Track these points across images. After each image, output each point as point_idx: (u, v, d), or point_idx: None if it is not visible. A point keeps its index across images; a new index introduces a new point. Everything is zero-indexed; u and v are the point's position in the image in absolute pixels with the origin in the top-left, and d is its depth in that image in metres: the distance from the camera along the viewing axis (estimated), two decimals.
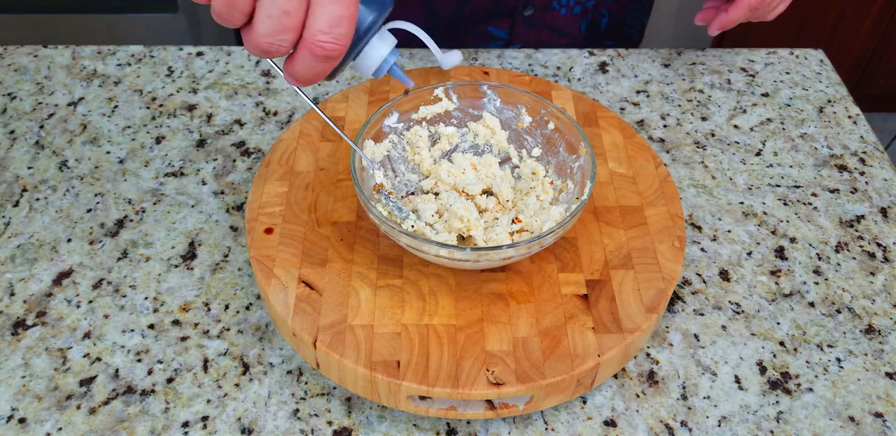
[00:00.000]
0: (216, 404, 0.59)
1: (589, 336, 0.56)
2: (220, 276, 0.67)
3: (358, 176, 0.58)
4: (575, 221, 0.56)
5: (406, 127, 0.66)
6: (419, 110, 0.66)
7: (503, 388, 0.53)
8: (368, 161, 0.60)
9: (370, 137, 0.63)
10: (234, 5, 0.43)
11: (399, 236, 0.55)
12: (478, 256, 0.54)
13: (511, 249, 0.54)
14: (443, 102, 0.66)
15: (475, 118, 0.67)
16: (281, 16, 0.43)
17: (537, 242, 0.55)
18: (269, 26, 0.43)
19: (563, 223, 0.55)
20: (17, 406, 0.58)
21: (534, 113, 0.65)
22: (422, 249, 0.55)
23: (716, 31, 0.78)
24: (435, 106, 0.66)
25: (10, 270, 0.67)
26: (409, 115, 0.66)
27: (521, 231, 0.60)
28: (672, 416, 0.59)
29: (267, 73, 0.86)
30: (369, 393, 0.55)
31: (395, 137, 0.65)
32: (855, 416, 0.59)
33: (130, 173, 0.76)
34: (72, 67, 0.87)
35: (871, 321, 0.66)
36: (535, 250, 0.56)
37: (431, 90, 0.65)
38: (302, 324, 0.56)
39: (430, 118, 0.67)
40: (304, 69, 0.46)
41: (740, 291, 0.67)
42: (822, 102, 0.86)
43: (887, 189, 0.77)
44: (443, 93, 0.66)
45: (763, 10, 0.77)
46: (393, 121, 0.65)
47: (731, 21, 0.78)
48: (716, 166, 0.78)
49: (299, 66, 0.46)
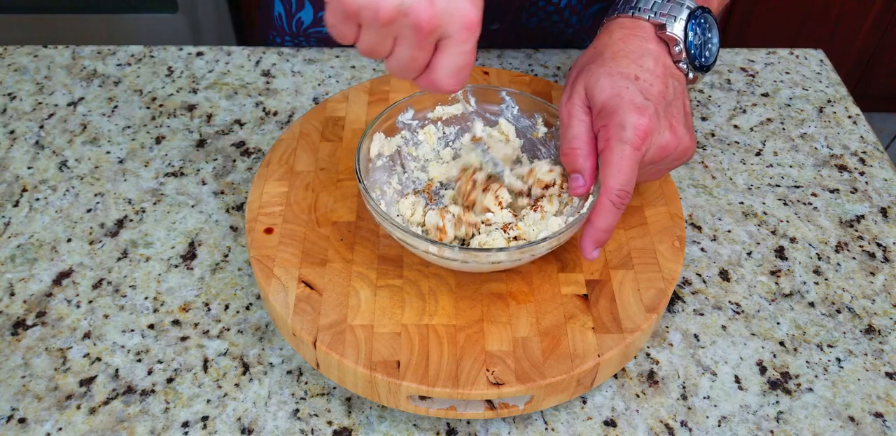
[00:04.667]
0: (216, 404, 0.59)
1: (589, 336, 0.56)
2: (220, 276, 0.67)
3: (362, 166, 0.58)
4: (571, 234, 0.56)
5: (420, 125, 0.66)
6: (435, 109, 0.66)
7: (503, 388, 0.53)
8: (403, 123, 0.61)
9: (382, 130, 0.63)
10: (374, 53, 0.49)
11: (393, 230, 0.55)
12: (465, 257, 0.54)
13: (501, 253, 0.54)
14: (460, 104, 0.66)
15: (492, 124, 0.67)
16: (410, 61, 0.49)
17: (528, 251, 0.54)
18: (398, 67, 0.49)
19: (557, 234, 0.55)
20: (17, 406, 0.58)
21: (549, 124, 0.65)
22: (412, 244, 0.55)
23: (592, 251, 0.57)
24: (451, 107, 0.66)
25: (10, 270, 0.67)
26: (424, 113, 0.66)
27: (519, 239, 0.60)
28: (672, 416, 0.59)
29: (267, 73, 0.87)
30: (369, 393, 0.55)
31: (407, 133, 0.65)
32: (855, 416, 0.59)
33: (130, 173, 0.76)
34: (72, 67, 0.87)
35: (871, 321, 0.66)
36: (527, 259, 0.56)
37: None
38: (302, 324, 0.56)
39: (445, 119, 0.67)
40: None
41: (740, 291, 0.67)
42: (822, 102, 0.86)
43: (887, 189, 0.77)
44: (461, 95, 0.66)
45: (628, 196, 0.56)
46: (408, 117, 0.65)
47: (601, 229, 0.56)
48: (716, 166, 0.78)
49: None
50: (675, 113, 0.57)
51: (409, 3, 0.45)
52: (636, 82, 0.57)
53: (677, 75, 0.59)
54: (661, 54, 0.59)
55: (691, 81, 0.61)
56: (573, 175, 0.58)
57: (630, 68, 0.57)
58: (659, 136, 0.56)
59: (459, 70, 0.49)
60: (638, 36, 0.59)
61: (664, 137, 0.56)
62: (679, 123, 0.57)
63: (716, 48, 0.62)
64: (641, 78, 0.57)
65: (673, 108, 0.57)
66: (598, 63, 0.58)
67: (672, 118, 0.57)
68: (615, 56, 0.58)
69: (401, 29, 0.46)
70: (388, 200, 0.63)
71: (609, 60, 0.58)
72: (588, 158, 0.57)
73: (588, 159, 0.57)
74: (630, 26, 0.60)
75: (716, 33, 0.62)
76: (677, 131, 0.57)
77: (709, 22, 0.61)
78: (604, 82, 0.57)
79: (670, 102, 0.57)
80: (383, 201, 0.62)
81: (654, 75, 0.57)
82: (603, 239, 0.56)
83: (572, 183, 0.58)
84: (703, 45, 0.61)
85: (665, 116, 0.56)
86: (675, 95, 0.58)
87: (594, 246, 0.56)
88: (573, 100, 0.58)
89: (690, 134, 0.58)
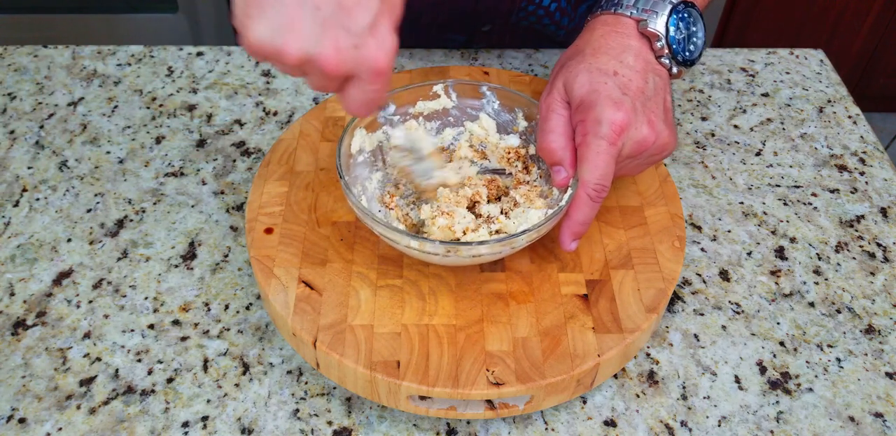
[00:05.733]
0: (216, 404, 0.59)
1: (589, 336, 0.56)
2: (220, 276, 0.67)
3: (343, 162, 0.59)
4: (550, 226, 0.56)
5: (402, 120, 0.66)
6: (416, 105, 0.66)
7: (503, 388, 0.53)
8: (385, 118, 0.61)
9: (363, 126, 0.63)
10: (290, 74, 0.49)
11: (374, 225, 0.55)
12: (446, 251, 0.54)
13: (482, 246, 0.54)
14: (441, 99, 0.66)
15: (472, 118, 0.67)
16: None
17: (508, 243, 0.54)
18: (313, 87, 0.50)
19: (536, 226, 0.55)
20: (17, 406, 0.58)
21: (530, 118, 0.65)
22: (394, 239, 0.55)
23: (570, 243, 0.58)
24: (433, 102, 0.66)
25: (10, 270, 0.67)
26: (406, 108, 0.66)
27: (500, 232, 0.60)
28: (672, 416, 0.59)
29: (267, 72, 0.87)
30: (369, 393, 0.55)
31: (388, 128, 0.65)
32: (855, 416, 0.59)
33: (130, 173, 0.76)
34: (72, 67, 0.87)
35: (871, 321, 0.66)
36: (508, 251, 0.56)
37: (430, 86, 0.65)
38: (302, 324, 0.56)
39: (427, 114, 0.67)
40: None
41: (740, 291, 0.67)
42: (822, 102, 0.86)
43: (887, 189, 0.77)
44: (442, 90, 0.66)
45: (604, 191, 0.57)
46: (389, 112, 0.65)
47: (579, 222, 0.57)
48: (716, 166, 0.78)
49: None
50: (654, 108, 0.57)
51: (316, 51, 0.45)
52: (615, 78, 0.57)
53: (659, 71, 0.60)
54: (642, 50, 0.59)
55: (676, 76, 0.61)
56: (555, 168, 0.58)
57: (609, 64, 0.58)
58: (636, 131, 0.56)
59: (368, 103, 0.50)
60: (620, 32, 0.60)
61: (642, 131, 0.56)
62: (658, 118, 0.57)
63: (701, 42, 0.62)
64: (620, 73, 0.57)
65: (652, 103, 0.57)
66: (578, 59, 0.59)
67: (651, 113, 0.57)
68: (595, 52, 0.59)
69: (309, 70, 0.47)
70: (369, 196, 0.63)
71: (589, 57, 0.58)
72: (566, 150, 0.58)
73: (566, 151, 0.57)
74: (612, 23, 0.60)
75: (701, 27, 0.62)
76: (656, 126, 0.57)
77: (693, 16, 0.61)
78: (582, 78, 0.57)
79: (649, 98, 0.57)
80: (364, 197, 0.63)
81: (633, 71, 0.58)
82: (580, 232, 0.57)
83: (555, 175, 0.58)
84: (687, 40, 0.61)
85: (643, 111, 0.56)
86: (654, 91, 0.58)
87: (572, 238, 0.57)
88: (553, 95, 0.59)
89: (670, 129, 0.58)
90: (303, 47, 0.45)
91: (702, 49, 0.62)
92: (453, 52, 0.89)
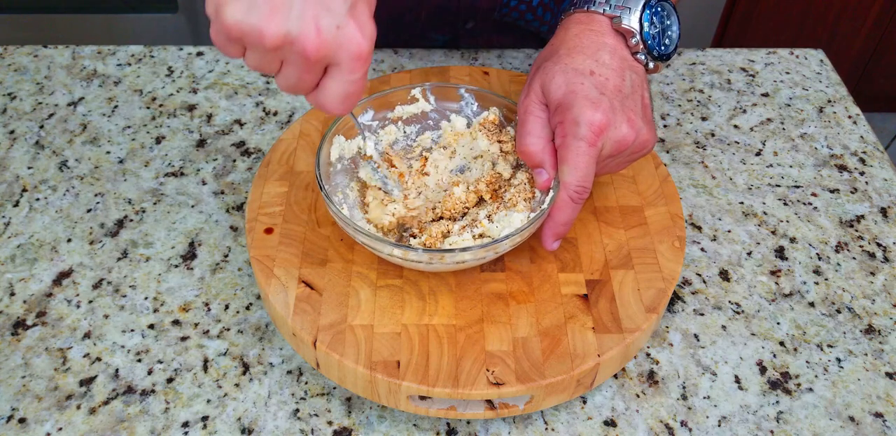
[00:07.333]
0: (216, 404, 0.59)
1: (589, 336, 0.56)
2: (220, 276, 0.67)
3: (322, 170, 0.58)
4: (533, 230, 0.56)
5: (381, 125, 0.66)
6: (395, 109, 0.66)
7: (503, 388, 0.53)
8: (361, 125, 0.60)
9: (341, 133, 0.62)
10: (261, 70, 0.48)
11: (356, 234, 0.55)
12: (430, 258, 0.54)
13: (465, 253, 0.54)
14: (420, 103, 0.66)
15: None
16: (298, 82, 0.48)
17: (492, 248, 0.54)
18: (285, 85, 0.49)
19: (519, 231, 0.55)
20: (17, 406, 0.58)
21: (510, 119, 0.65)
22: (376, 247, 0.55)
23: (553, 244, 0.59)
24: (411, 106, 0.66)
25: (10, 270, 0.67)
26: (384, 113, 0.65)
27: (483, 236, 0.59)
28: (672, 416, 0.59)
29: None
30: (369, 393, 0.55)
31: (368, 134, 0.65)
32: (855, 416, 0.59)
33: (130, 173, 0.76)
34: (72, 67, 0.87)
35: (871, 321, 0.66)
36: (492, 256, 0.56)
37: (408, 90, 0.65)
38: (302, 324, 0.56)
39: (405, 118, 0.66)
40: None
41: (740, 291, 0.67)
42: (822, 102, 0.86)
43: (887, 189, 0.77)
44: (420, 94, 0.66)
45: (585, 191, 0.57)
46: (367, 118, 0.65)
47: (561, 223, 0.57)
48: (716, 166, 0.78)
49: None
50: (632, 106, 0.57)
51: (296, 32, 0.44)
52: (591, 77, 0.57)
53: (636, 67, 0.59)
54: (617, 47, 0.59)
55: (652, 71, 0.61)
56: (536, 170, 0.58)
57: (585, 64, 0.57)
58: (615, 130, 0.56)
59: (347, 96, 0.48)
60: (594, 30, 0.59)
61: (621, 130, 0.56)
62: (637, 115, 0.57)
63: (676, 36, 0.62)
64: (597, 72, 0.57)
65: (630, 101, 0.57)
66: (554, 60, 0.58)
67: (630, 111, 0.57)
68: (570, 52, 0.58)
69: (287, 55, 0.46)
70: (350, 204, 0.62)
71: (564, 57, 0.58)
72: (545, 152, 0.57)
73: (545, 153, 0.57)
74: (586, 21, 0.60)
75: (675, 21, 0.62)
76: (635, 124, 0.56)
77: (666, 10, 0.61)
78: (559, 79, 0.57)
79: (627, 96, 0.57)
80: (346, 205, 0.62)
81: (610, 69, 0.57)
82: (562, 232, 0.57)
83: (537, 178, 0.58)
84: (662, 35, 0.60)
85: (622, 109, 0.56)
86: (632, 88, 0.58)
87: (554, 239, 0.58)
88: (530, 97, 0.58)
89: (650, 126, 0.58)
90: (283, 26, 0.44)
91: (677, 43, 0.62)
92: (453, 52, 0.89)
